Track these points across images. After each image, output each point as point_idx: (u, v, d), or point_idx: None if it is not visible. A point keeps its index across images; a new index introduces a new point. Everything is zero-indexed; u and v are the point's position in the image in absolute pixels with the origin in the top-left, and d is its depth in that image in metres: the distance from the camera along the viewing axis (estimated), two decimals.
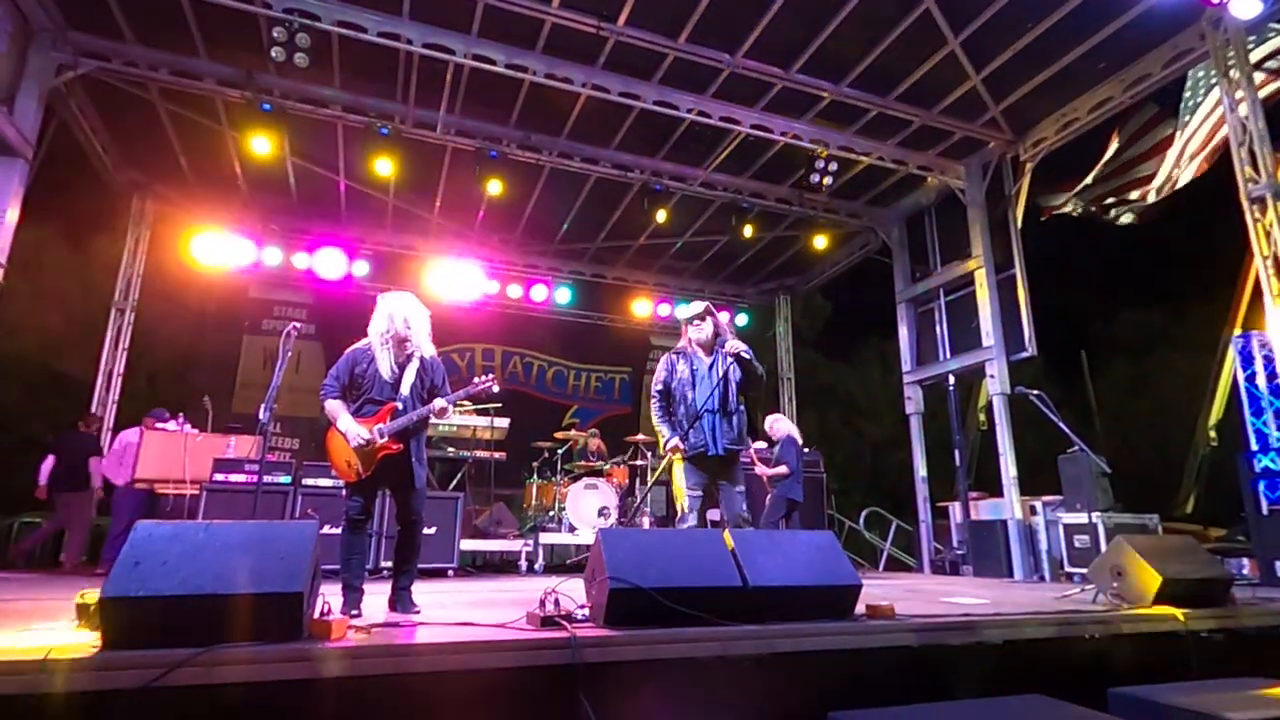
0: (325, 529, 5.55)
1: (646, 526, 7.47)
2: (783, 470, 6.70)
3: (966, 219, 8.50)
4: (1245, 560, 7.00)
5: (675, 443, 4.09)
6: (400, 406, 3.57)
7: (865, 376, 19.54)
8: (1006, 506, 7.55)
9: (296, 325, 3.91)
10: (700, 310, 4.33)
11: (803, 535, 3.46)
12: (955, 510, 8.47)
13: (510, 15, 6.43)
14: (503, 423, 8.08)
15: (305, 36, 6.19)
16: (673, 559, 2.97)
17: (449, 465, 8.22)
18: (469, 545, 7.25)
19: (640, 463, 8.52)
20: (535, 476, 8.28)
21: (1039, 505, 7.39)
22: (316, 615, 2.53)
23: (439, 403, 3.60)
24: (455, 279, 10.08)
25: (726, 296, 12.47)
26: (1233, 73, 6.11)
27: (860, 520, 10.50)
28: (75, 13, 6.37)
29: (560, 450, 8.29)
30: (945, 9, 6.50)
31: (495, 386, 3.88)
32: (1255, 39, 7.05)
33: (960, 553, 8.08)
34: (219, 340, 10.02)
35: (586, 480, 7.79)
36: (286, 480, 6.28)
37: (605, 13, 6.46)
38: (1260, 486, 6.47)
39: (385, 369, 3.61)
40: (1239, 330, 10.30)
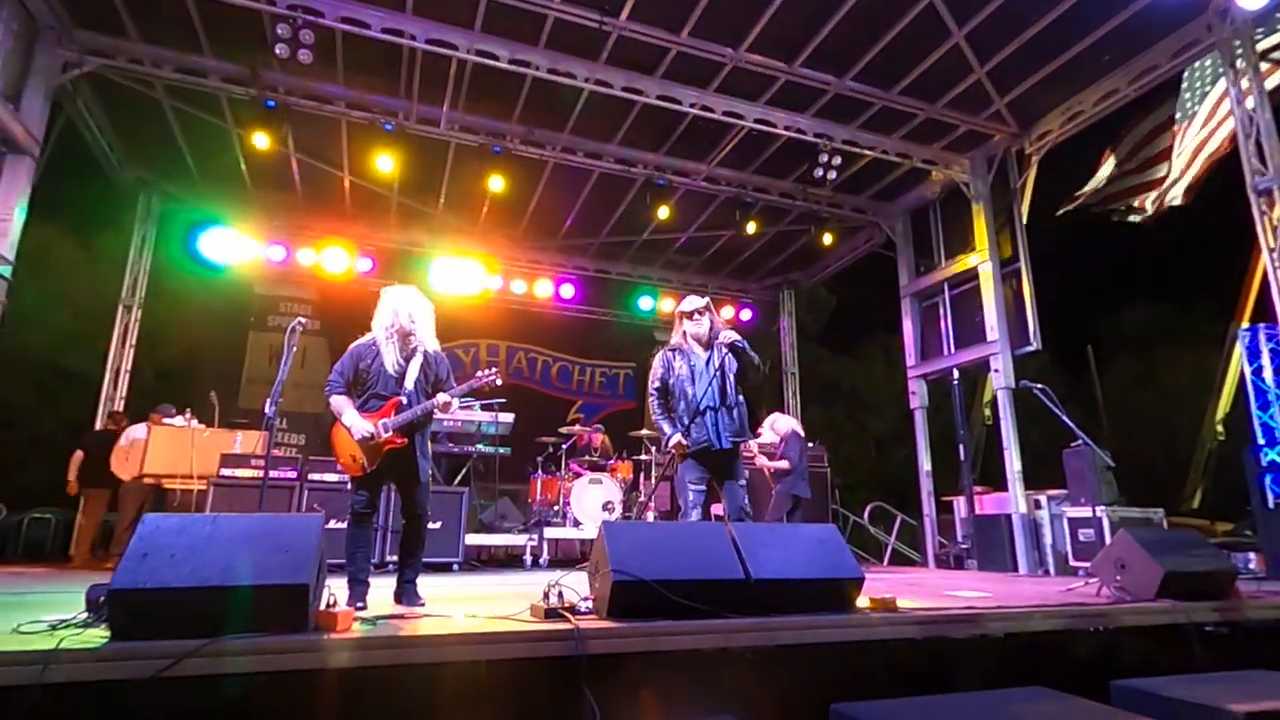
0: (331, 523, 5.61)
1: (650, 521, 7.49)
2: (784, 465, 6.70)
3: (971, 213, 8.47)
4: (1252, 554, 6.97)
5: (678, 439, 4.06)
6: (404, 401, 3.59)
7: (869, 371, 19.51)
8: (1011, 501, 7.54)
9: (302, 321, 3.92)
10: (702, 304, 4.30)
11: (805, 528, 3.47)
12: (960, 505, 8.46)
13: (513, 10, 6.43)
14: (507, 418, 8.10)
15: (309, 33, 6.20)
16: (675, 552, 2.99)
17: (454, 460, 8.25)
18: (474, 540, 7.28)
19: (644, 457, 8.53)
20: (540, 471, 8.31)
21: (1043, 499, 7.38)
22: (322, 607, 2.56)
23: (442, 397, 3.61)
24: (459, 275, 10.11)
25: (730, 291, 12.46)
26: (1240, 64, 6.07)
27: (865, 515, 10.49)
28: (81, 10, 6.40)
29: (564, 445, 8.31)
30: (950, 1, 6.47)
31: (498, 379, 3.88)
32: (1263, 30, 7.01)
33: (965, 547, 8.08)
34: (225, 337, 10.07)
35: (591, 475, 7.82)
36: (292, 475, 6.32)
37: (608, 7, 6.45)
38: (1267, 480, 6.44)
39: (390, 364, 3.62)
40: (1246, 324, 10.23)
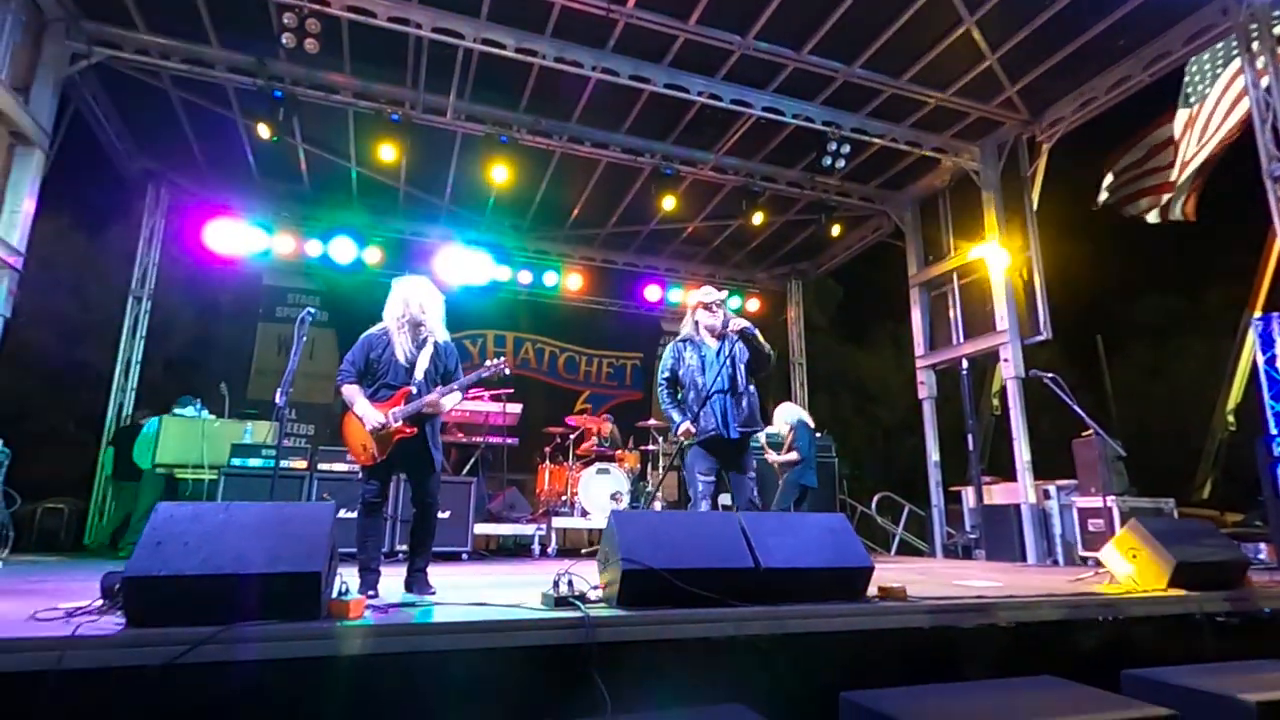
0: (341, 513, 5.64)
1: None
2: (793, 456, 6.69)
3: (981, 201, 8.40)
4: (1263, 545, 6.93)
5: (687, 426, 4.06)
6: (415, 391, 3.60)
7: (878, 361, 19.42)
8: (1020, 490, 7.51)
9: (311, 311, 3.93)
10: (720, 297, 4.34)
11: (814, 517, 3.47)
12: (968, 495, 8.44)
13: None
14: (515, 408, 8.12)
15: (315, 22, 6.20)
16: (685, 541, 2.99)
17: (462, 450, 8.28)
18: (482, 529, 7.32)
19: (652, 448, 8.55)
20: (547, 461, 8.34)
21: (1053, 489, 7.35)
22: (334, 595, 2.58)
23: (450, 395, 3.64)
24: (466, 265, 10.11)
25: (738, 281, 12.42)
26: (1256, 47, 5.97)
27: (872, 505, 10.49)
28: (88, 2, 6.40)
29: (572, 436, 8.33)
30: None
31: (507, 369, 3.89)
32: (1279, 15, 6.89)
33: (973, 537, 8.07)
34: (234, 328, 10.11)
35: (598, 465, 7.84)
36: (302, 465, 6.36)
37: None
38: (1278, 471, 6.39)
39: (401, 353, 3.64)
40: (1259, 312, 10.13)
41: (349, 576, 2.97)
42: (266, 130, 7.01)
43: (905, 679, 2.60)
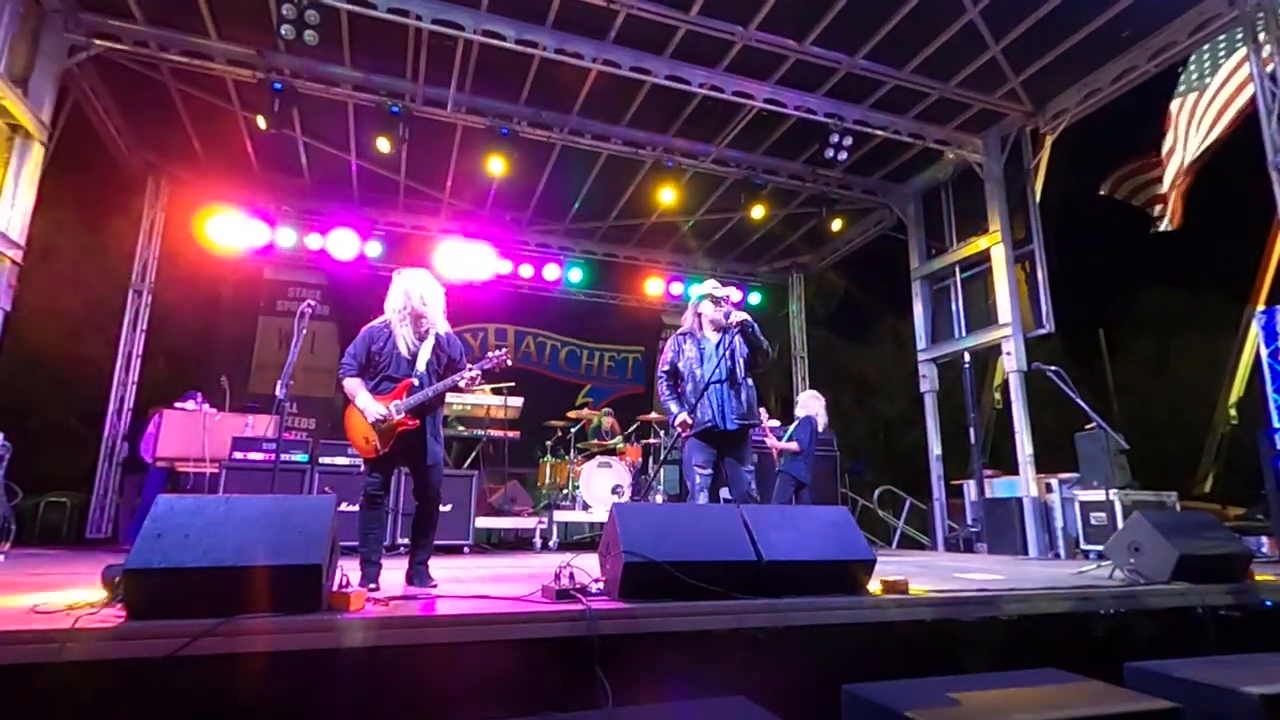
0: (342, 506, 5.64)
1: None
2: (792, 446, 6.69)
3: (984, 194, 8.36)
4: (1264, 538, 6.93)
5: (684, 417, 4.08)
6: (417, 383, 3.59)
7: (879, 355, 19.39)
8: (1022, 484, 7.50)
9: (311, 304, 3.92)
10: (728, 293, 4.36)
11: (817, 510, 3.47)
12: (970, 488, 8.43)
13: None
14: (516, 402, 8.11)
15: (314, 13, 6.15)
16: (687, 533, 2.98)
17: (464, 444, 8.28)
18: (484, 523, 7.33)
19: (654, 441, 8.55)
20: (549, 455, 8.33)
21: (1055, 483, 7.34)
22: (335, 588, 2.57)
23: (467, 373, 3.62)
24: (467, 259, 10.07)
25: (739, 275, 12.39)
26: (1262, 37, 5.93)
27: (874, 499, 10.49)
28: None
29: (574, 429, 8.32)
30: None
31: (509, 360, 3.89)
32: None
33: (974, 530, 8.06)
34: (235, 321, 10.11)
35: (600, 459, 7.83)
36: (303, 459, 6.35)
37: None
38: None
39: (403, 346, 3.63)
40: (1262, 306, 10.10)
41: (350, 569, 2.97)
42: (264, 121, 6.97)
43: (907, 672, 2.59)
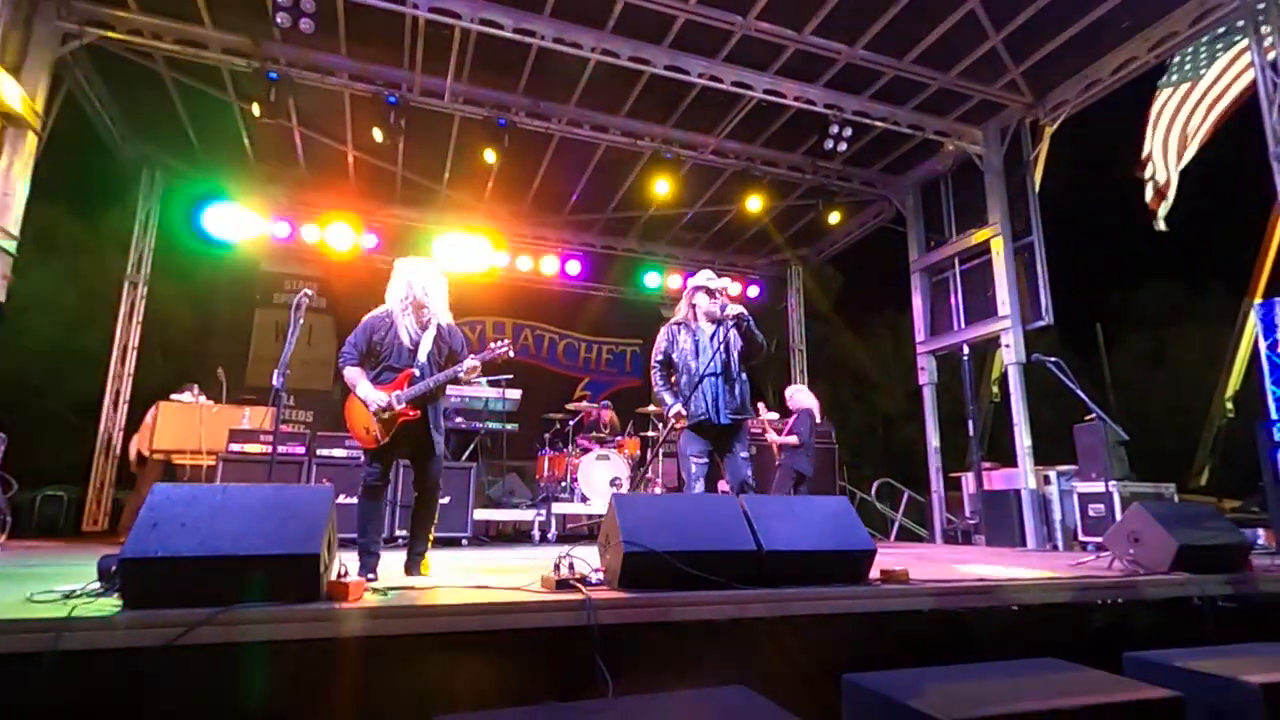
0: (340, 498, 5.63)
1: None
2: (792, 440, 6.68)
3: (983, 186, 8.34)
4: (1260, 530, 6.94)
5: (678, 409, 4.06)
6: (418, 374, 3.57)
7: (878, 348, 19.43)
8: (1020, 476, 7.51)
9: (308, 293, 3.87)
10: (722, 284, 4.32)
11: (817, 501, 3.46)
12: (968, 480, 8.44)
13: None
14: (514, 394, 8.09)
15: (310, 1, 6.10)
16: (687, 523, 2.97)
17: (462, 436, 8.26)
18: (482, 515, 7.32)
19: (652, 434, 8.54)
20: (547, 448, 8.32)
21: (1053, 475, 7.34)
22: (333, 577, 2.56)
23: (468, 362, 3.60)
24: (465, 251, 10.04)
25: (738, 268, 12.36)
26: (1265, 28, 5.90)
27: (872, 491, 10.50)
28: None
29: (572, 422, 8.31)
30: None
31: (510, 351, 3.86)
32: None
33: (973, 522, 8.08)
34: (231, 314, 10.06)
35: (598, 451, 7.82)
36: (300, 450, 6.34)
37: None
38: (1278, 456, 6.38)
39: (405, 336, 3.60)
40: (1260, 298, 10.10)
41: (348, 560, 2.95)
42: (258, 108, 6.90)
43: (907, 661, 2.59)
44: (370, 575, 3.30)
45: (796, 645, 2.73)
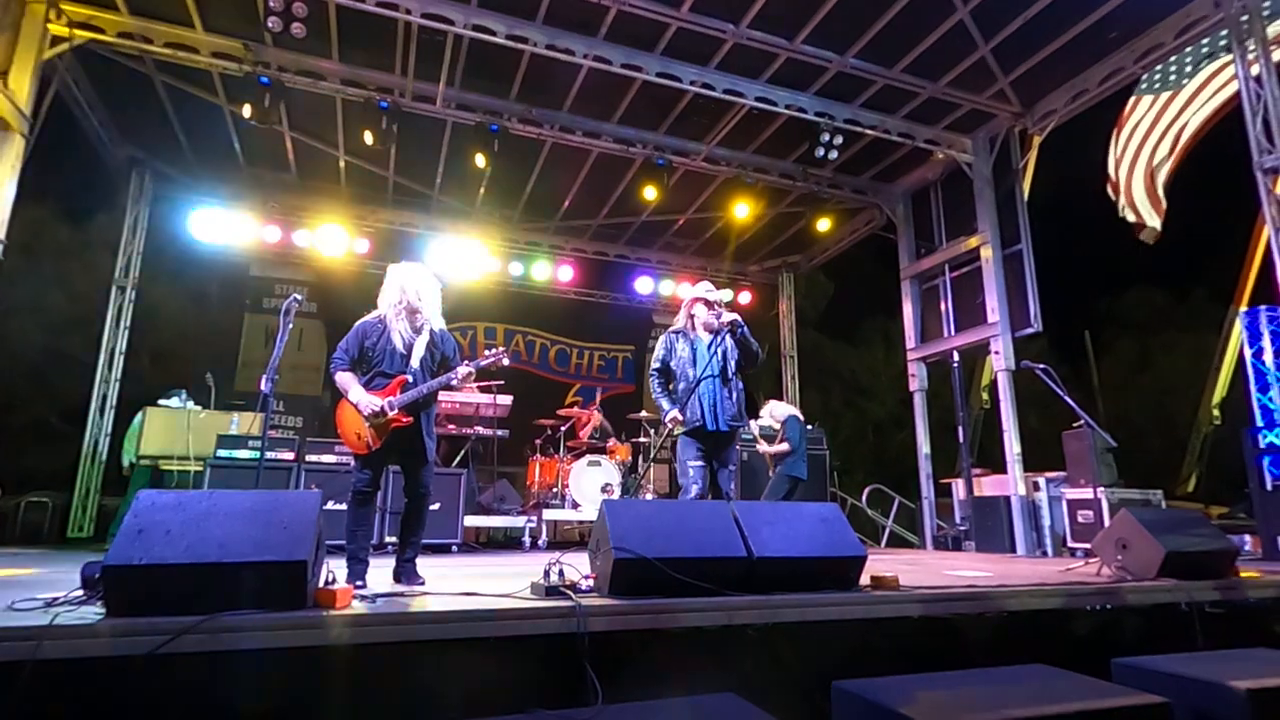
0: (329, 505, 5.59)
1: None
2: (784, 447, 6.69)
3: (973, 194, 8.40)
4: (1247, 536, 7.00)
5: (675, 414, 4.14)
6: (410, 379, 3.55)
7: (868, 355, 19.51)
8: (1010, 482, 7.54)
9: (297, 298, 3.85)
10: (721, 297, 4.39)
11: (807, 507, 3.45)
12: (958, 487, 8.47)
13: None
14: (505, 400, 8.07)
15: (302, 6, 6.09)
16: (677, 530, 2.97)
17: (453, 442, 8.23)
18: (472, 521, 7.28)
19: (643, 440, 8.53)
20: (538, 454, 8.30)
21: (1042, 481, 7.39)
22: (321, 585, 2.53)
23: (462, 369, 3.58)
24: (456, 256, 10.03)
25: (729, 274, 12.38)
26: (1248, 42, 5.99)
27: (863, 498, 10.52)
28: None
29: (563, 428, 8.29)
30: None
31: (505, 359, 3.86)
32: (1269, 7, 6.90)
33: (963, 529, 8.10)
34: (221, 319, 10.00)
35: (589, 457, 7.80)
36: (289, 456, 6.29)
37: None
38: (1265, 462, 6.45)
39: (398, 341, 3.58)
40: (1245, 306, 10.22)
41: (336, 567, 2.93)
42: (250, 109, 6.87)
43: (897, 668, 2.58)
44: (359, 582, 3.27)
45: (787, 652, 2.73)
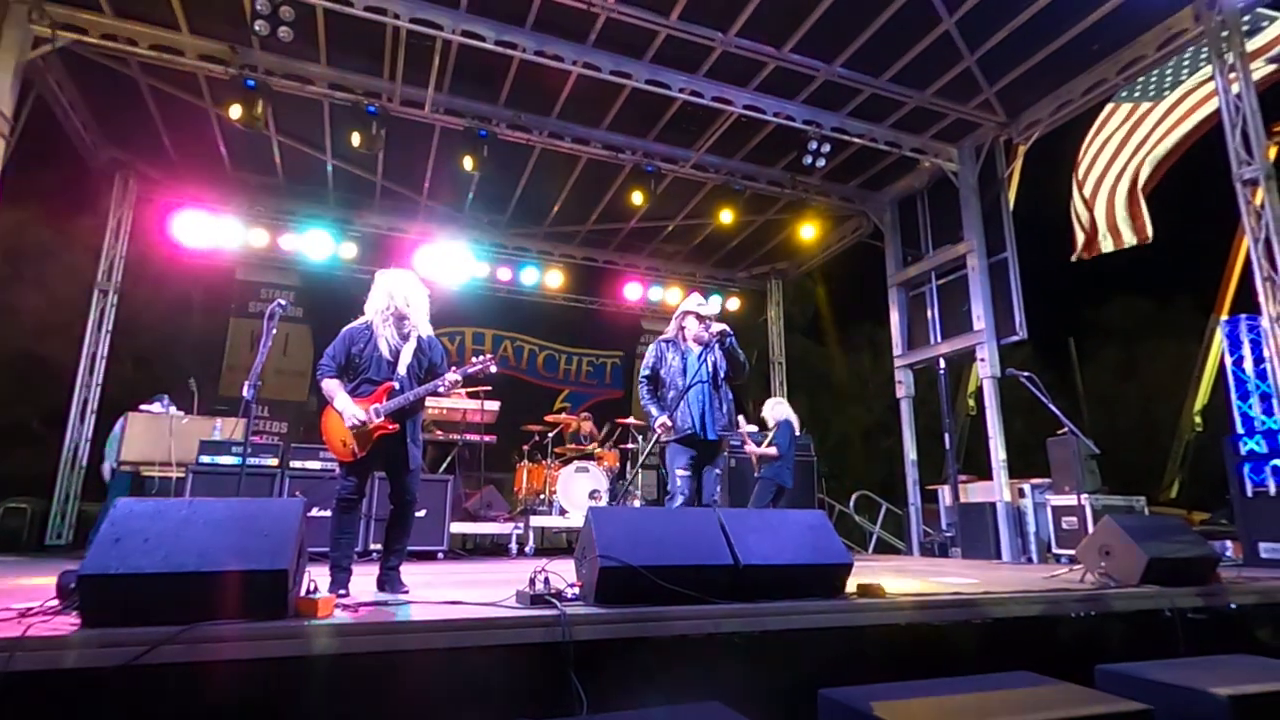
0: (313, 511, 5.52)
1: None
2: (771, 451, 6.68)
3: (959, 202, 8.48)
4: (1229, 543, 7.07)
5: (664, 420, 4.17)
6: (397, 386, 3.52)
7: (855, 362, 19.61)
8: (995, 489, 7.58)
9: (282, 303, 3.82)
10: (711, 311, 4.47)
11: (794, 514, 3.46)
12: (944, 494, 8.51)
13: None
14: (493, 406, 8.03)
15: (289, 10, 6.05)
16: (664, 537, 2.96)
17: (439, 448, 8.18)
18: (459, 528, 7.23)
19: (631, 446, 8.51)
20: (526, 460, 8.26)
21: (1027, 488, 7.44)
22: (303, 594, 2.50)
23: (450, 376, 3.56)
24: (445, 261, 9.99)
25: (718, 281, 12.42)
26: (1228, 56, 6.09)
27: (850, 504, 10.55)
28: None
29: (551, 434, 8.26)
30: None
31: (494, 366, 3.84)
32: (1248, 22, 7.03)
33: (949, 535, 8.14)
34: (205, 323, 9.90)
35: (577, 464, 7.78)
36: (273, 462, 6.22)
37: None
38: (1245, 469, 6.52)
39: (385, 347, 3.55)
40: (1226, 315, 10.37)
41: (319, 575, 2.89)
42: (238, 109, 6.80)
43: (883, 675, 2.59)
44: (341, 591, 3.23)
45: (773, 660, 2.72)
